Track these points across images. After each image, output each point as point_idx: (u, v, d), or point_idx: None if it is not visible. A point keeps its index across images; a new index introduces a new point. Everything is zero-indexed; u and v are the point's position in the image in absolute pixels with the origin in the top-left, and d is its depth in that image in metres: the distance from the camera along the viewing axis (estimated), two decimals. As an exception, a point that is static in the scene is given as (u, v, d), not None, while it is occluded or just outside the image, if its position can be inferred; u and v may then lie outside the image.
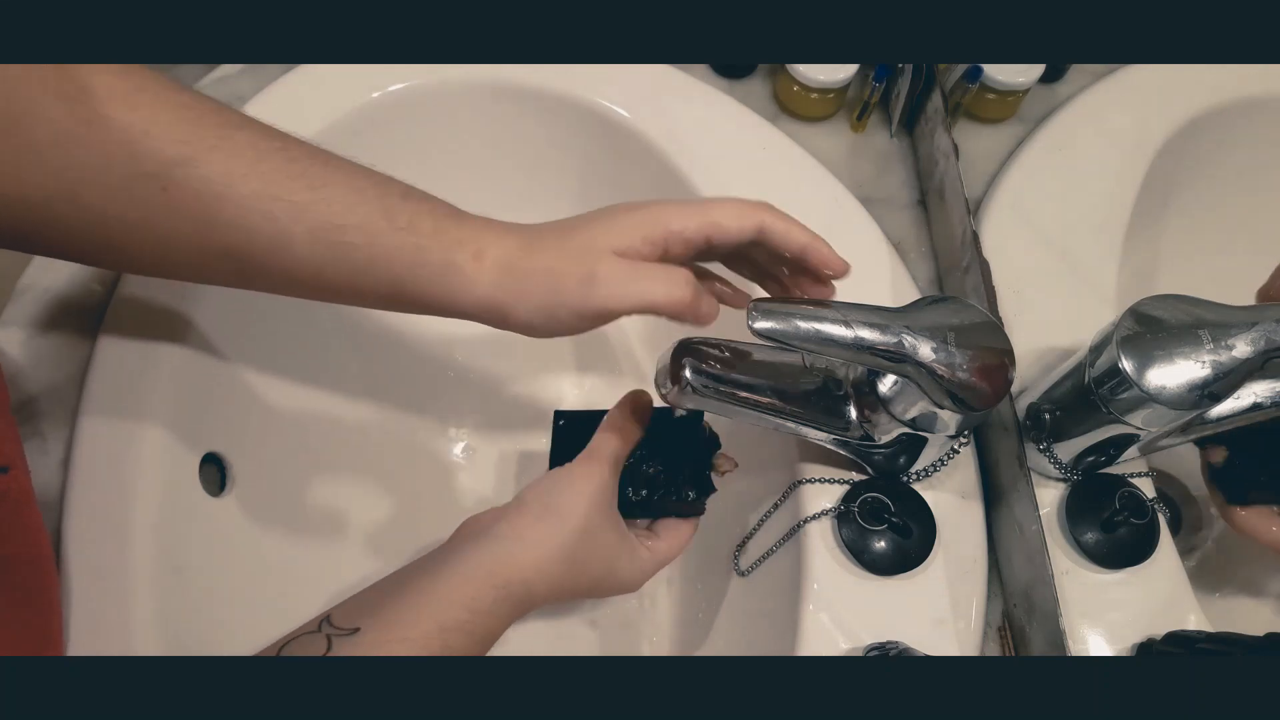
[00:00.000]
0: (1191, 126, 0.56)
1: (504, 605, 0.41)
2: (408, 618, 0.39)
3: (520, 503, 0.44)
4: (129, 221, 0.36)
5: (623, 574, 0.46)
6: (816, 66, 0.59)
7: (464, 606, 0.40)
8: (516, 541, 0.42)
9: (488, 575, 0.41)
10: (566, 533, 0.43)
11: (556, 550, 0.42)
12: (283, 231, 0.38)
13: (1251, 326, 0.39)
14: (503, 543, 0.42)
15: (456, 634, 0.39)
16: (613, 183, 0.63)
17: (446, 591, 0.40)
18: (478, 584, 0.41)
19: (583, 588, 0.45)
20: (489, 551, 0.42)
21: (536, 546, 0.42)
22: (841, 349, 0.38)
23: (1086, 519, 0.46)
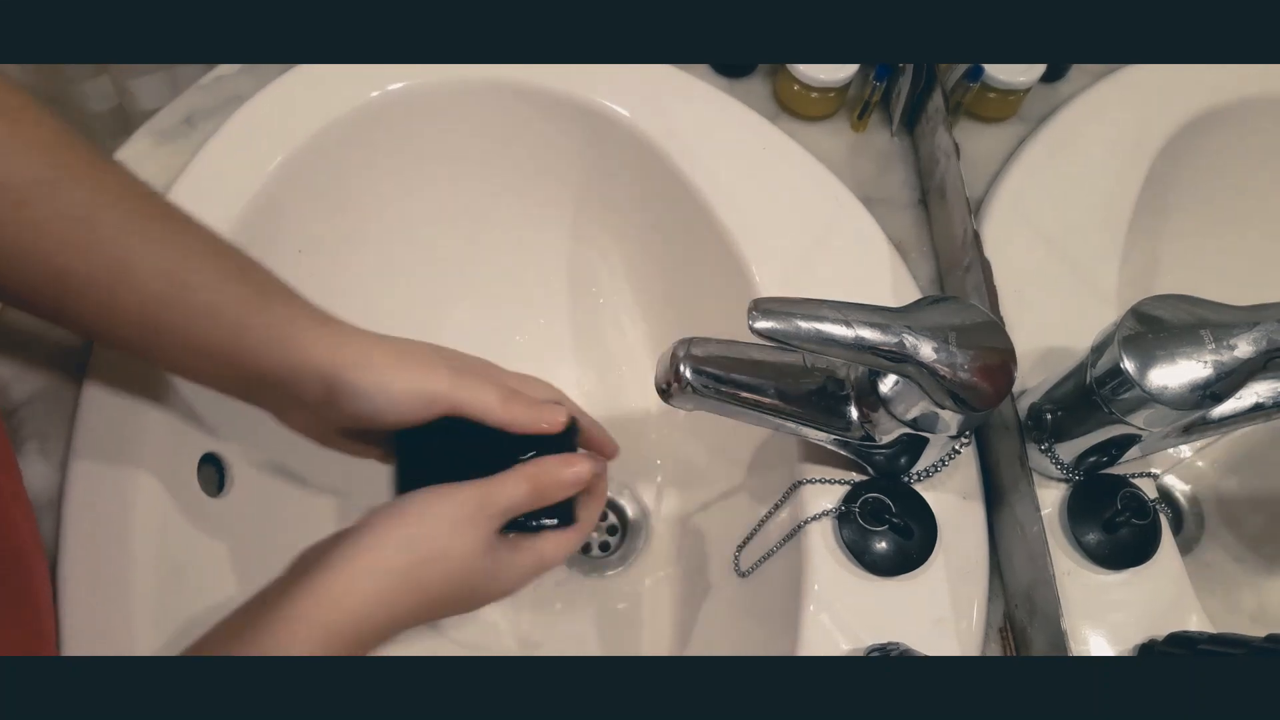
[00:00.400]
0: (1191, 126, 0.56)
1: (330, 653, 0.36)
2: None
3: (350, 531, 0.39)
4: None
5: (494, 588, 0.42)
6: (817, 66, 0.59)
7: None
8: (344, 575, 0.37)
9: (308, 622, 0.36)
10: (405, 558, 0.38)
11: (394, 581, 0.37)
12: (129, 264, 0.37)
13: (1253, 326, 0.39)
14: (330, 576, 0.37)
15: None
16: (613, 183, 0.63)
17: (268, 645, 0.35)
18: (298, 634, 0.35)
19: (445, 610, 0.41)
20: (311, 592, 0.36)
21: (368, 577, 0.37)
22: (842, 349, 0.38)
23: (1088, 519, 0.46)
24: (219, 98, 0.59)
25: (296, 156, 0.56)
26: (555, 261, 0.68)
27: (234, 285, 0.40)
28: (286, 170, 0.55)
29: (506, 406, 0.41)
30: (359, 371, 0.40)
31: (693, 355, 0.43)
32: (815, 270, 0.55)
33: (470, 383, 0.41)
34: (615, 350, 0.67)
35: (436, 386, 0.40)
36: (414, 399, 0.40)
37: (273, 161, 0.55)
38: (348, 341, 0.41)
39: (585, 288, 0.68)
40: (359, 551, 0.37)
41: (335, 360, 0.40)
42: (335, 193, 0.59)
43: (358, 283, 0.62)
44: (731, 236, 0.56)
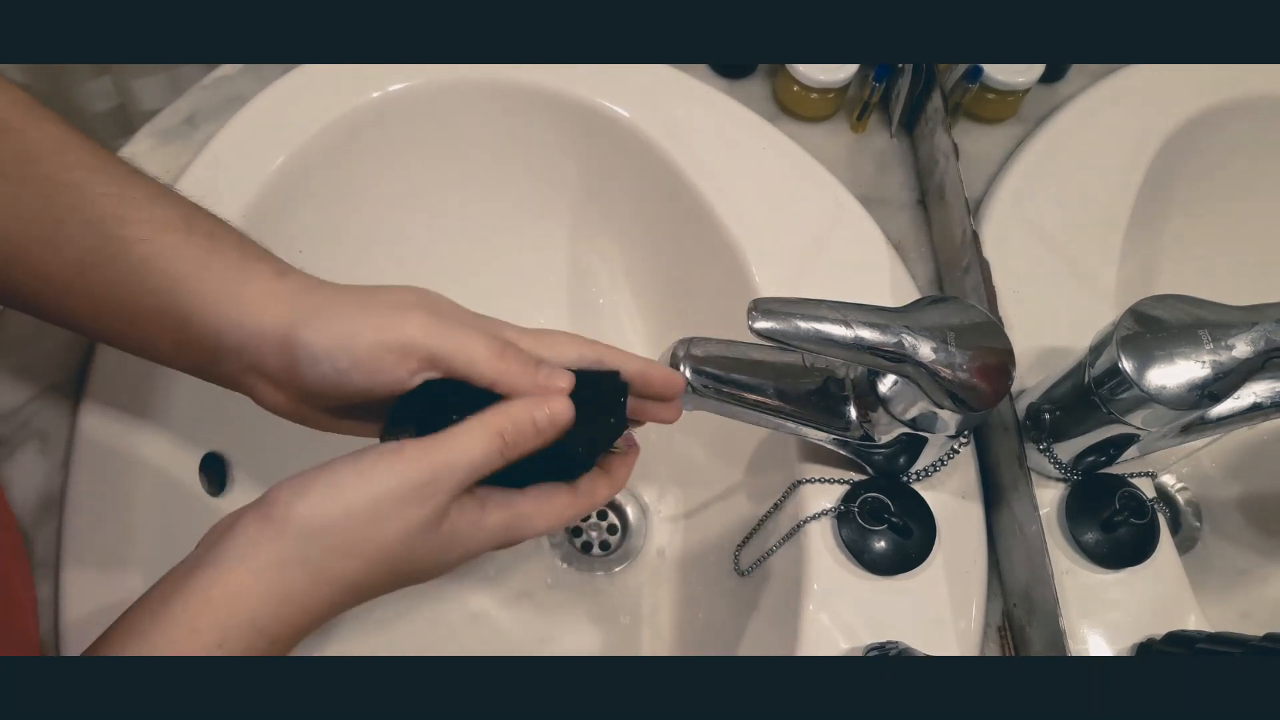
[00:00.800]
0: (1191, 126, 0.56)
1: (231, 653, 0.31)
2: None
3: (260, 508, 0.32)
4: None
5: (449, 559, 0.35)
6: (816, 66, 0.59)
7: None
8: (239, 571, 0.31)
9: (195, 636, 0.30)
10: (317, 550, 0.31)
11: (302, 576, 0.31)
12: (57, 220, 0.33)
13: (1251, 326, 0.39)
14: (224, 575, 0.31)
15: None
16: (613, 183, 0.63)
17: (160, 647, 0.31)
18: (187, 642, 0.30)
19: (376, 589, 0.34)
20: (200, 591, 0.31)
21: (269, 572, 0.31)
22: (841, 349, 0.38)
23: (1086, 519, 0.46)
24: (220, 98, 0.59)
25: (298, 157, 0.56)
26: (555, 261, 0.68)
27: (177, 235, 0.34)
28: (288, 170, 0.55)
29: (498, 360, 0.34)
30: (316, 326, 0.33)
31: (693, 355, 0.43)
32: (815, 270, 0.55)
33: (453, 331, 0.34)
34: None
35: (407, 333, 0.33)
36: (382, 353, 0.33)
37: (274, 162, 0.55)
38: (305, 293, 0.34)
39: (585, 288, 0.68)
40: (256, 543, 0.31)
41: (291, 316, 0.33)
42: (336, 193, 0.59)
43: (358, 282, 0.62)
44: (731, 236, 0.56)
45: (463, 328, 0.34)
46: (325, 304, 0.34)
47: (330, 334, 0.33)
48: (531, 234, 0.67)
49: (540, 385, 0.35)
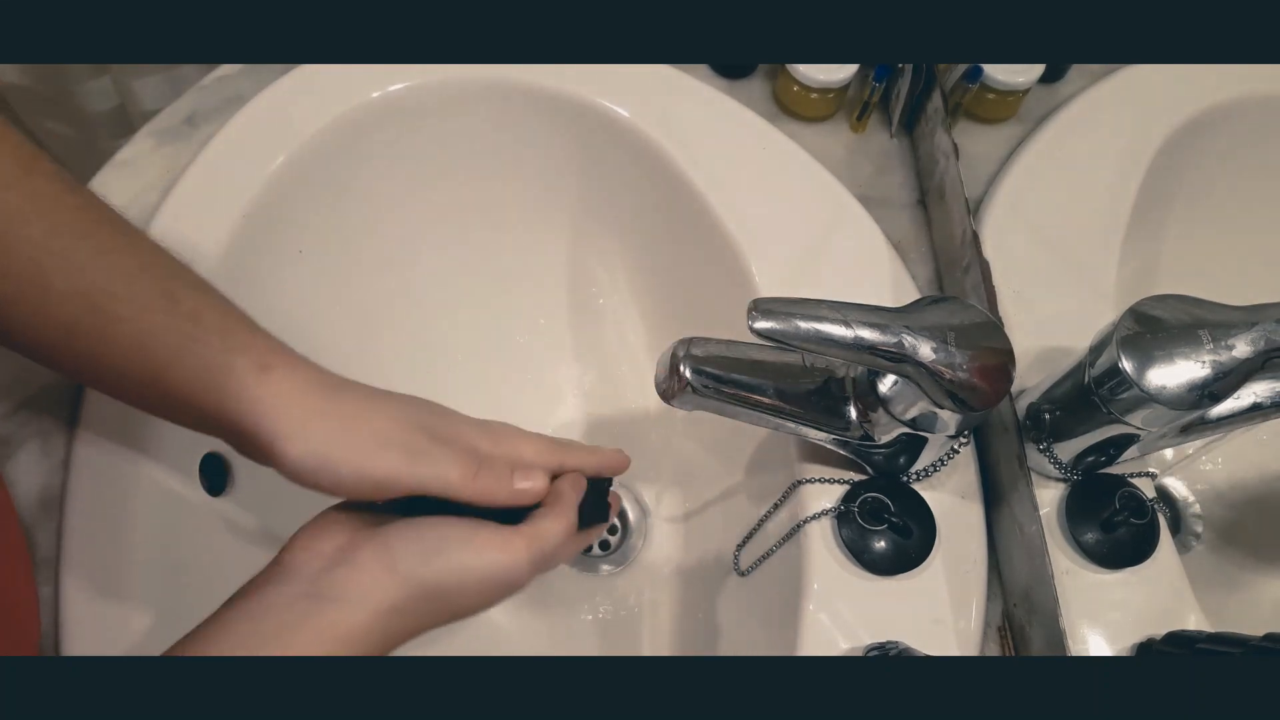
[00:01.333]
0: (1191, 126, 0.56)
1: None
2: None
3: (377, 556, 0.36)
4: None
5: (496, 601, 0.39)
6: (816, 66, 0.59)
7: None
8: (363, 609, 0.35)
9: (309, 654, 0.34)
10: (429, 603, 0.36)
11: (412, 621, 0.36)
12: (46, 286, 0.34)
13: (1251, 326, 0.39)
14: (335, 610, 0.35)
15: None
16: (613, 183, 0.63)
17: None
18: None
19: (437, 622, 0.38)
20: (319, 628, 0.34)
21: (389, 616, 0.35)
22: (841, 349, 0.38)
23: (1086, 519, 0.46)
24: (220, 98, 0.59)
25: (297, 157, 0.56)
26: (555, 261, 0.68)
27: (160, 317, 0.35)
28: (288, 171, 0.55)
29: (476, 481, 0.38)
30: (298, 445, 0.35)
31: (693, 355, 0.43)
32: (815, 270, 0.55)
33: (428, 463, 0.37)
34: (615, 350, 0.67)
35: (388, 470, 0.36)
36: (363, 483, 0.36)
37: (274, 162, 0.55)
38: (285, 404, 0.36)
39: (585, 288, 0.68)
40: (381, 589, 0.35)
41: (273, 427, 0.35)
42: (336, 193, 0.59)
43: (358, 283, 0.62)
44: (731, 236, 0.56)
45: (437, 453, 0.37)
46: (304, 421, 0.36)
47: (310, 455, 0.35)
48: (531, 234, 0.67)
49: (516, 495, 0.39)
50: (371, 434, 0.37)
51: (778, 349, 0.44)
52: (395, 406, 0.39)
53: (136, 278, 0.36)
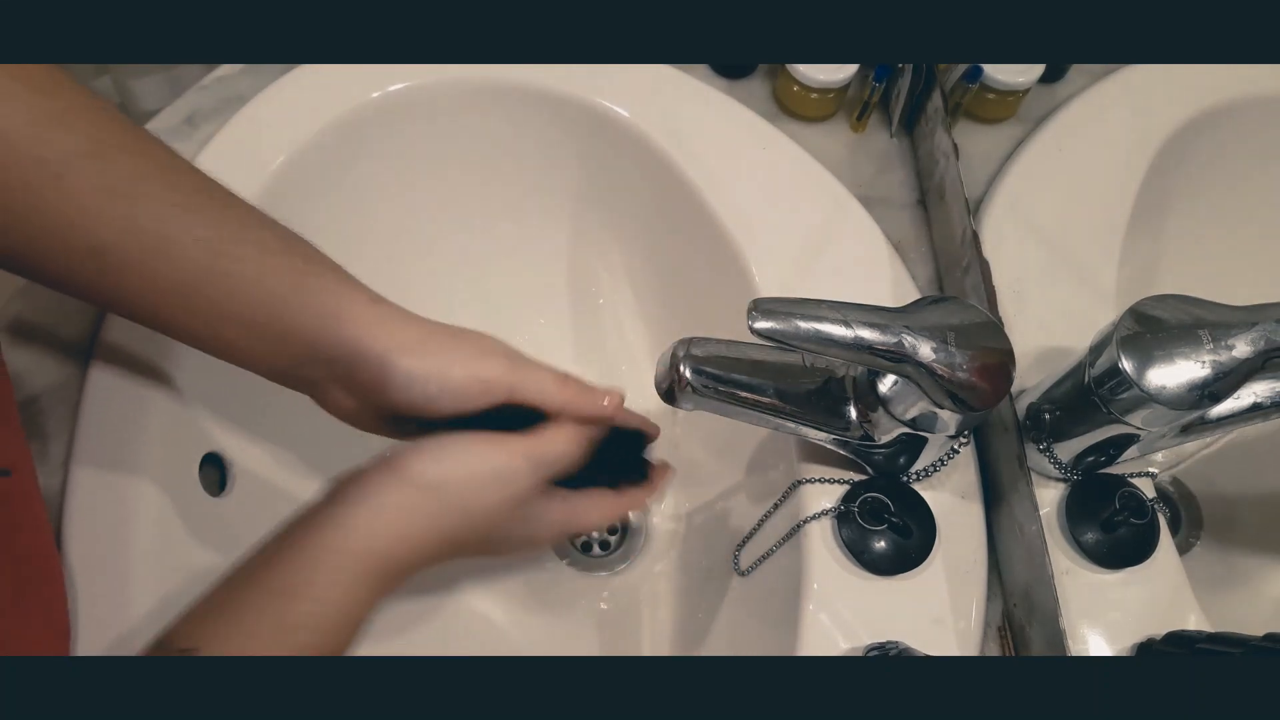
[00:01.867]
0: (1191, 126, 0.56)
1: (358, 587, 0.37)
2: (246, 624, 0.35)
3: (388, 463, 0.39)
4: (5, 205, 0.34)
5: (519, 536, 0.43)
6: (816, 66, 0.59)
7: (310, 597, 0.36)
8: (374, 508, 0.38)
9: (336, 554, 0.37)
10: (435, 503, 0.39)
11: (422, 518, 0.38)
12: (169, 236, 0.36)
13: (1251, 326, 0.39)
14: (357, 510, 0.38)
15: (304, 632, 0.35)
16: (613, 183, 0.63)
17: (290, 582, 0.36)
18: (326, 567, 0.36)
19: (467, 549, 0.41)
20: (339, 525, 0.37)
21: (396, 513, 0.38)
22: (841, 349, 0.38)
23: (1086, 519, 0.46)
24: (220, 98, 0.59)
25: (298, 157, 0.56)
26: (555, 261, 0.68)
27: (280, 258, 0.39)
28: (288, 171, 0.55)
29: (563, 389, 0.42)
30: (415, 357, 0.39)
31: (693, 355, 0.43)
32: (815, 270, 0.55)
33: (527, 367, 0.42)
34: (615, 350, 0.67)
35: (494, 372, 0.40)
36: (472, 385, 0.40)
37: (274, 162, 0.55)
38: (402, 325, 0.40)
39: (585, 288, 0.68)
40: (386, 491, 0.38)
41: (390, 344, 0.39)
42: (336, 193, 0.59)
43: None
44: (731, 237, 0.56)
45: (532, 364, 0.42)
46: (421, 337, 0.40)
47: (426, 365, 0.39)
48: (531, 234, 0.67)
49: (600, 407, 0.43)
50: (478, 345, 0.41)
51: (778, 349, 0.44)
52: (489, 334, 0.43)
53: (254, 227, 0.39)
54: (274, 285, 0.38)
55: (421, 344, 0.39)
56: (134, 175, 0.36)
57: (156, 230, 0.36)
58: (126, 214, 0.35)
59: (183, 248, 0.36)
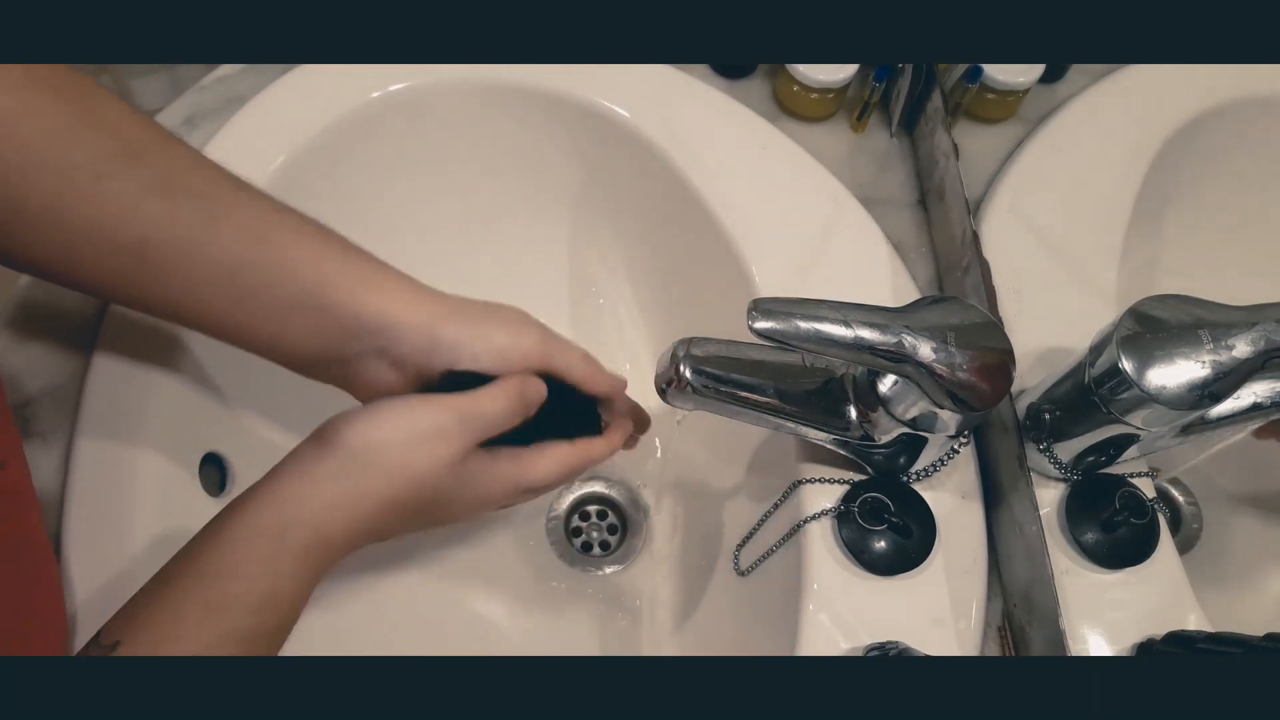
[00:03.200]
0: (1191, 126, 0.56)
1: (288, 560, 0.36)
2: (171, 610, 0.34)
3: (315, 435, 0.39)
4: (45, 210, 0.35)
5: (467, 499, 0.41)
6: (816, 66, 0.59)
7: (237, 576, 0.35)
8: (298, 480, 0.37)
9: (262, 530, 0.36)
10: (362, 467, 0.37)
11: (350, 484, 0.37)
12: (210, 227, 0.37)
13: (1251, 326, 0.39)
14: (282, 482, 0.37)
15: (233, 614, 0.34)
16: (613, 183, 0.63)
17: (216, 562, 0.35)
18: (252, 543, 0.35)
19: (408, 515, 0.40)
20: (265, 500, 0.37)
21: (323, 482, 0.37)
22: (841, 349, 0.38)
23: (1086, 519, 0.46)
24: (220, 98, 0.59)
25: (298, 157, 0.56)
26: (555, 261, 0.68)
27: (317, 242, 0.40)
28: (288, 170, 0.55)
29: (588, 366, 0.45)
30: (460, 323, 0.41)
31: (693, 355, 0.43)
32: (815, 270, 0.55)
33: (558, 341, 0.44)
34: (615, 350, 0.67)
35: (531, 341, 0.42)
36: (513, 350, 0.42)
37: (274, 162, 0.55)
38: (441, 298, 0.42)
39: (585, 288, 0.68)
40: (313, 460, 0.38)
41: (435, 312, 0.41)
42: (336, 193, 0.59)
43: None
44: (731, 236, 0.56)
45: (564, 342, 0.44)
46: (461, 307, 0.42)
47: (470, 332, 0.41)
48: (532, 234, 0.67)
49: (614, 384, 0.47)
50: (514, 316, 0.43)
51: (778, 349, 0.44)
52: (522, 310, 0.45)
53: (289, 215, 0.40)
54: (315, 268, 0.39)
55: (462, 313, 0.41)
56: (169, 171, 0.37)
57: (197, 222, 0.37)
58: (167, 208, 0.36)
59: (224, 237, 0.37)
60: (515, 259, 0.68)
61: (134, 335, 0.49)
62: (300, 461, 0.38)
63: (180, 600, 0.35)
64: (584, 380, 0.45)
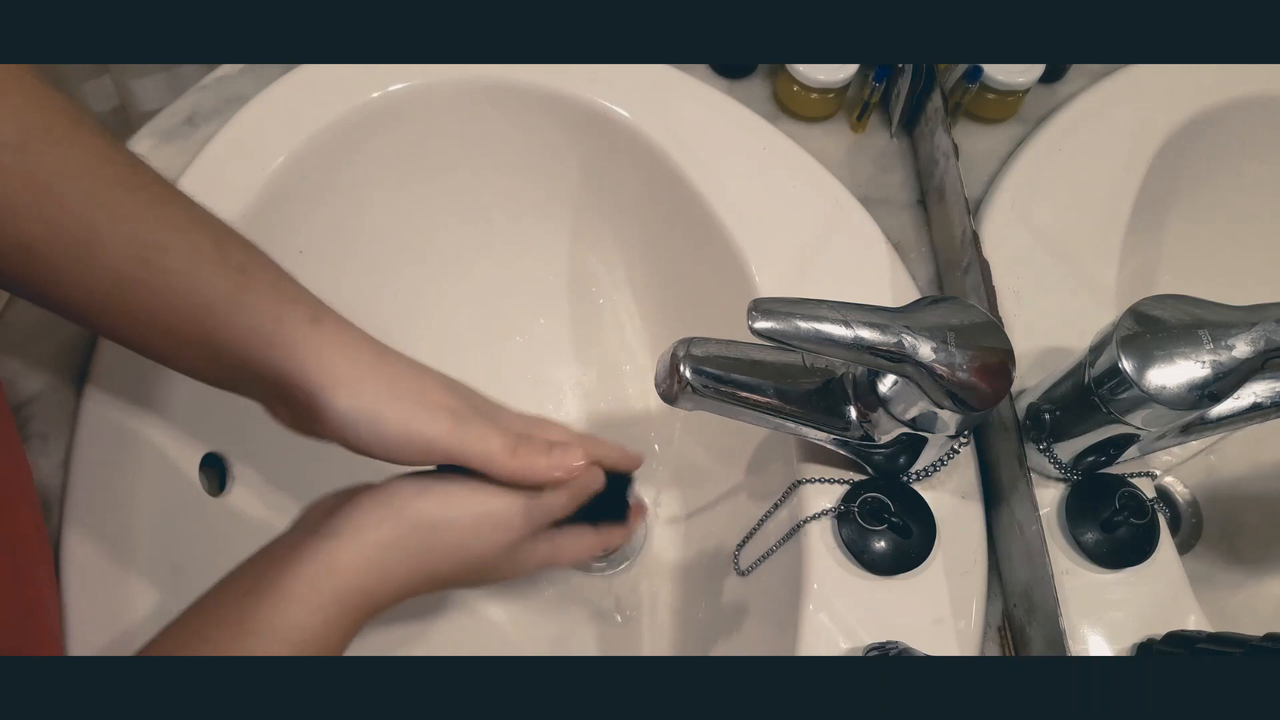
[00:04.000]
0: (1191, 126, 0.56)
1: (335, 625, 0.35)
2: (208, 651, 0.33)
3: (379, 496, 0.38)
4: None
5: (503, 573, 0.41)
6: (816, 66, 0.59)
7: (283, 639, 0.34)
8: (361, 543, 0.36)
9: (315, 592, 0.35)
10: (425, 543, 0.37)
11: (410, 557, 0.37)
12: (94, 239, 0.34)
13: (1251, 326, 0.39)
14: (341, 544, 0.36)
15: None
16: (613, 183, 0.63)
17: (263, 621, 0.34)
18: (304, 606, 0.34)
19: (450, 585, 0.40)
20: (320, 560, 0.35)
21: (385, 550, 0.36)
22: (841, 349, 0.38)
23: (1086, 519, 0.46)
24: (220, 98, 0.59)
25: (298, 157, 0.56)
26: (555, 262, 0.68)
27: (211, 268, 0.35)
28: (288, 170, 0.55)
29: (515, 456, 0.38)
30: (349, 396, 0.36)
31: (693, 355, 0.43)
32: (815, 270, 0.55)
33: (473, 431, 0.38)
34: (615, 350, 0.67)
35: (434, 432, 0.37)
36: (407, 444, 0.37)
37: (274, 162, 0.55)
38: (340, 354, 0.37)
39: (585, 288, 0.68)
40: (376, 524, 0.36)
41: (324, 379, 0.36)
42: (336, 193, 0.59)
43: (358, 283, 0.62)
44: (731, 236, 0.56)
45: (479, 425, 0.38)
46: (359, 374, 0.37)
47: (358, 409, 0.36)
48: (531, 234, 0.67)
49: (555, 468, 0.39)
50: (420, 395, 0.37)
51: (778, 349, 0.44)
52: (441, 377, 0.39)
53: (186, 230, 0.36)
54: (205, 296, 0.35)
55: (358, 381, 0.36)
56: (62, 170, 0.34)
57: (82, 231, 0.34)
58: (52, 212, 0.34)
59: (108, 251, 0.34)
60: (515, 259, 0.68)
61: (134, 335, 0.49)
62: (360, 523, 0.36)
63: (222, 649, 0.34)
64: (515, 476, 0.39)
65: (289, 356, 0.36)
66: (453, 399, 0.38)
